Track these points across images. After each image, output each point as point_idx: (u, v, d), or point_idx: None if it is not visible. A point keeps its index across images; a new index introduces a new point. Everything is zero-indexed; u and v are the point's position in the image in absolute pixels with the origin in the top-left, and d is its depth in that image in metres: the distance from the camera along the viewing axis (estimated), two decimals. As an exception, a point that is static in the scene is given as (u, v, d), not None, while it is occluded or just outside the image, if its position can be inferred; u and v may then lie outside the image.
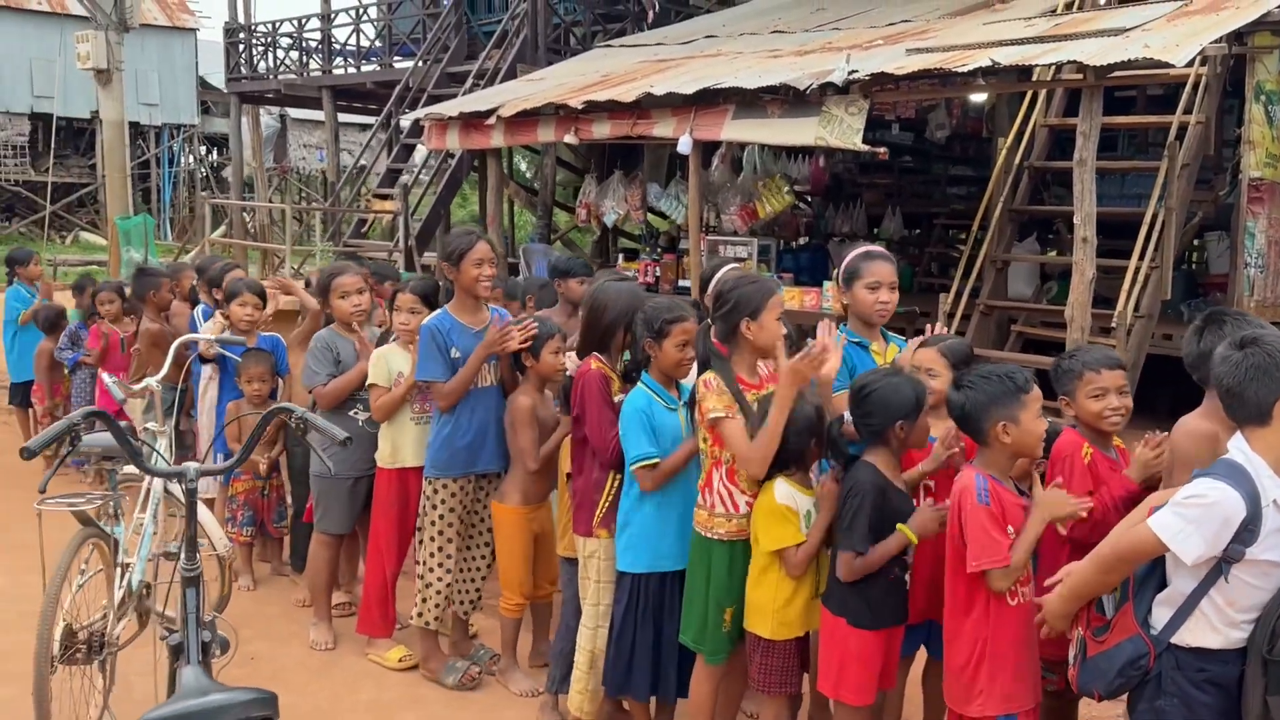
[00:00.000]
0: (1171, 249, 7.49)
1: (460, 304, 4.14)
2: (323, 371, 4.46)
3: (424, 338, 4.05)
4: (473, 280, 4.06)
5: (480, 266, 4.05)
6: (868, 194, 12.38)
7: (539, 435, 4.03)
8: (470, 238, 4.11)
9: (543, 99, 9.17)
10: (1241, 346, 2.44)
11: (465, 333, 4.09)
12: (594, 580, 3.68)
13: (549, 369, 4.05)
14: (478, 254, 4.03)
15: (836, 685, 3.10)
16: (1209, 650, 2.44)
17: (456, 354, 4.05)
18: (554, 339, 4.05)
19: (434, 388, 4.07)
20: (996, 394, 2.83)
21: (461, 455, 4.11)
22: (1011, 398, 2.81)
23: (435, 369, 4.02)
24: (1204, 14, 6.76)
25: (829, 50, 8.61)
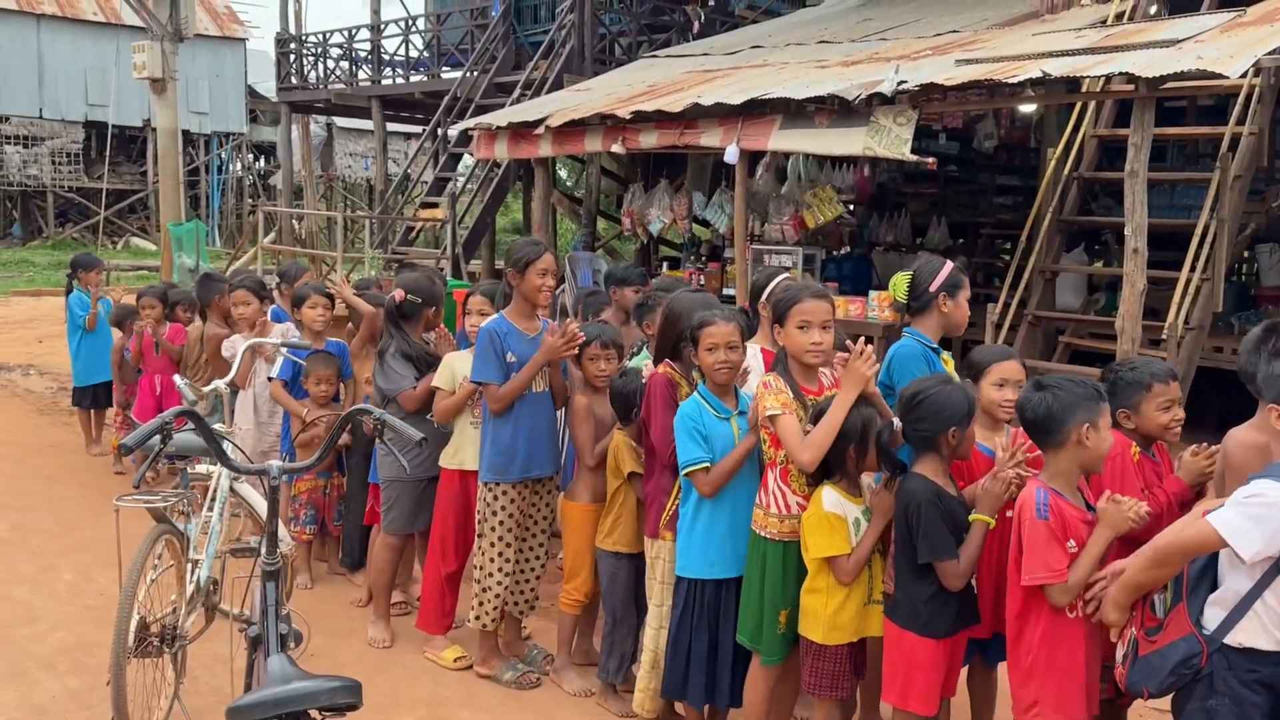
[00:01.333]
0: (1223, 261, 7.43)
1: (518, 310, 4.24)
2: (409, 375, 4.57)
3: (481, 340, 4.15)
4: (535, 289, 4.16)
5: (544, 277, 4.15)
6: (913, 203, 12.36)
7: (597, 433, 4.15)
8: (537, 248, 4.21)
9: (590, 109, 9.28)
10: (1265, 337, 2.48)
11: (521, 338, 4.20)
12: (658, 581, 3.77)
13: (586, 373, 4.20)
14: (543, 264, 4.14)
15: (903, 695, 3.14)
16: (1261, 652, 2.48)
17: (512, 358, 4.15)
18: (592, 345, 4.18)
19: (488, 390, 4.16)
20: (1082, 397, 2.85)
21: (516, 460, 4.20)
22: (1094, 403, 2.84)
23: (491, 371, 4.12)
24: (1258, 25, 6.73)
25: (876, 60, 8.64)
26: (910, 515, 3.09)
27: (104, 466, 7.71)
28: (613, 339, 4.32)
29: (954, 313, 3.67)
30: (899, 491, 3.16)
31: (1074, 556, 2.80)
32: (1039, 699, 2.84)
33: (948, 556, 3.04)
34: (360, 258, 12.78)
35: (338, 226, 12.81)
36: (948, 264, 3.73)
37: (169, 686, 3.83)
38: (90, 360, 7.90)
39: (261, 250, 14.15)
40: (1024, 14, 9.49)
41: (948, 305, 3.67)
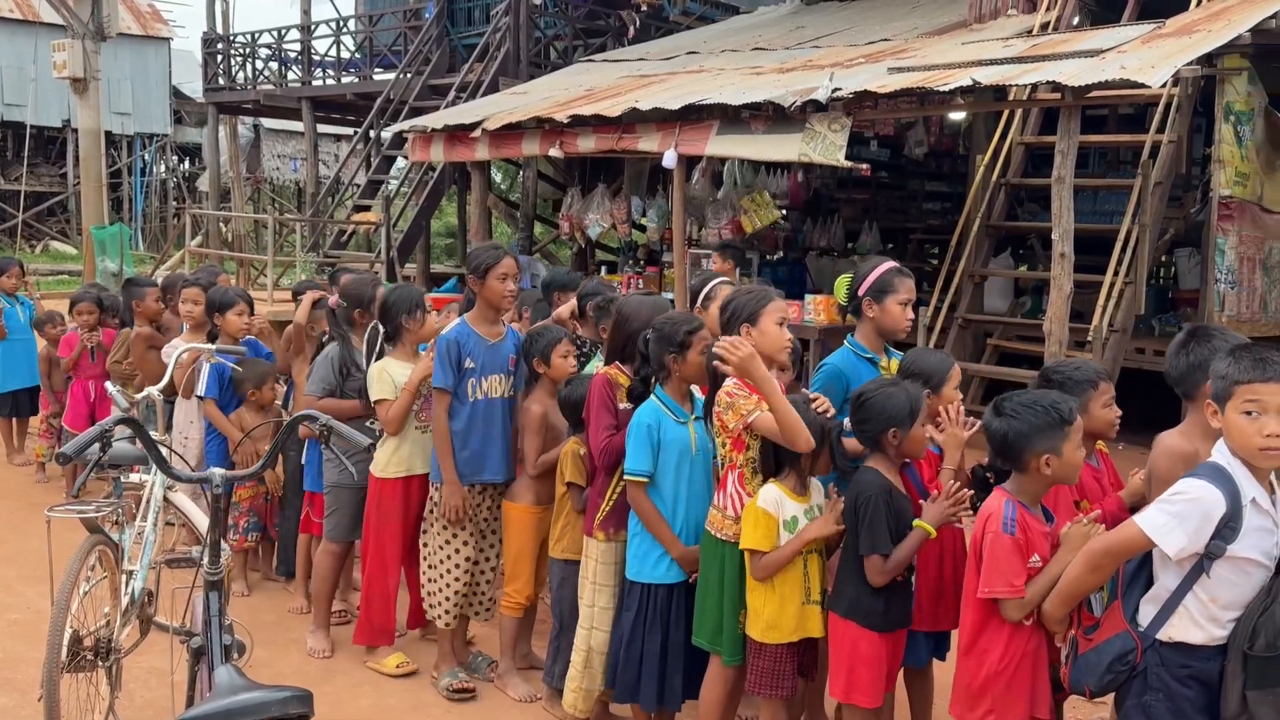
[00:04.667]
0: (1145, 265, 7.69)
1: (480, 316, 4.23)
2: (323, 383, 4.53)
3: (440, 348, 4.13)
4: (497, 294, 4.15)
5: (505, 281, 4.13)
6: (845, 209, 12.54)
7: (550, 442, 4.14)
8: (497, 252, 4.20)
9: (527, 113, 9.26)
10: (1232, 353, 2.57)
11: (482, 344, 4.18)
12: (591, 581, 3.78)
13: (560, 372, 4.18)
14: (504, 268, 4.12)
15: (848, 689, 3.18)
16: (1192, 646, 2.55)
17: (471, 364, 4.14)
18: (562, 343, 4.18)
19: (437, 398, 4.14)
20: (1040, 425, 2.81)
21: (466, 464, 4.17)
22: (1056, 429, 2.79)
23: (446, 378, 4.11)
24: (1176, 37, 6.98)
25: (810, 68, 8.78)
26: (859, 506, 3.14)
27: (26, 477, 7.47)
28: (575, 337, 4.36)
29: (880, 318, 3.65)
30: (852, 483, 3.22)
31: (1034, 570, 2.80)
32: (993, 708, 2.85)
33: (880, 552, 3.08)
34: (291, 261, 12.57)
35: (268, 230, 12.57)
36: (879, 267, 3.70)
37: (103, 701, 3.73)
38: (8, 366, 7.62)
39: (188, 254, 13.82)
40: (953, 23, 9.72)
41: (873, 310, 3.66)
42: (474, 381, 4.16)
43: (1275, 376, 2.45)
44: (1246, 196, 7.70)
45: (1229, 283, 7.67)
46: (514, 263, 4.18)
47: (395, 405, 4.28)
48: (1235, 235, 7.61)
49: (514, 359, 4.28)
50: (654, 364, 3.57)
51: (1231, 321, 7.56)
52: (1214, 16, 7.35)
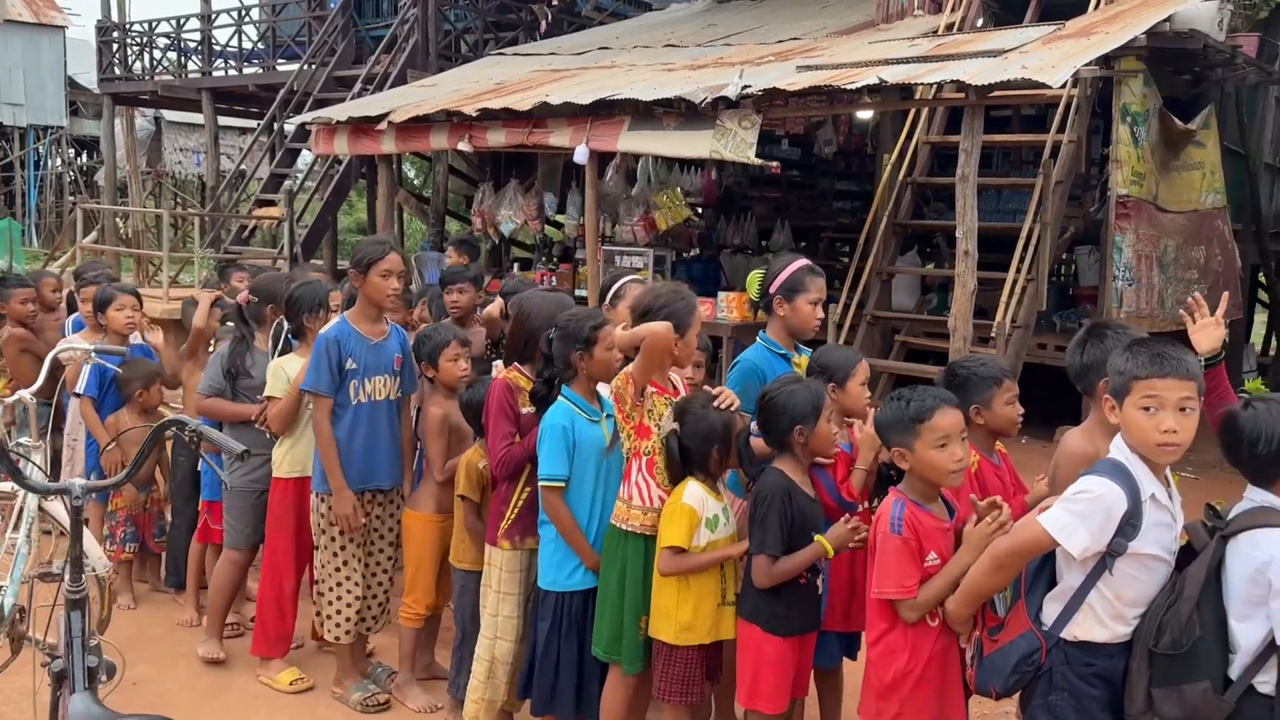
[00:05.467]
0: (1046, 262, 7.85)
1: (361, 313, 4.06)
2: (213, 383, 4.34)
3: (317, 347, 3.95)
4: (379, 291, 3.98)
5: (388, 278, 3.95)
6: (758, 207, 12.60)
7: (451, 445, 3.99)
8: (381, 247, 4.02)
9: (435, 105, 9.07)
10: (1129, 348, 2.57)
11: (363, 343, 4.01)
12: (495, 590, 3.65)
13: (449, 376, 4.03)
14: (387, 264, 3.95)
15: (751, 694, 3.11)
16: (1096, 644, 2.54)
17: (352, 365, 3.97)
18: (450, 346, 4.01)
19: (316, 401, 3.97)
20: (891, 419, 2.81)
21: (352, 470, 4.00)
22: (905, 426, 2.78)
23: (319, 380, 3.93)
24: (1076, 39, 7.13)
25: (721, 65, 8.76)
26: (756, 505, 3.09)
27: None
28: (466, 338, 4.20)
29: (790, 316, 3.62)
30: (756, 483, 3.16)
31: (932, 569, 2.76)
32: (901, 711, 2.80)
33: (768, 552, 3.03)
34: (190, 258, 12.12)
35: (163, 225, 12.09)
36: (791, 265, 3.66)
37: (-34, 727, 3.48)
38: None
39: (81, 250, 13.23)
40: (861, 23, 9.81)
41: (783, 308, 3.62)
42: (357, 383, 3.99)
43: (1172, 372, 2.44)
44: (1143, 196, 7.92)
45: (1127, 280, 7.88)
46: (399, 259, 4.00)
47: (279, 404, 4.09)
48: (1132, 233, 7.82)
49: (400, 359, 4.12)
50: (559, 363, 3.46)
51: (1130, 317, 7.76)
52: (1111, 19, 7.53)
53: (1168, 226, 8.30)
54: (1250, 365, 11.46)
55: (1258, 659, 2.40)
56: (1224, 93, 9.26)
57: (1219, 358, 3.05)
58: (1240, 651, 2.43)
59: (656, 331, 3.19)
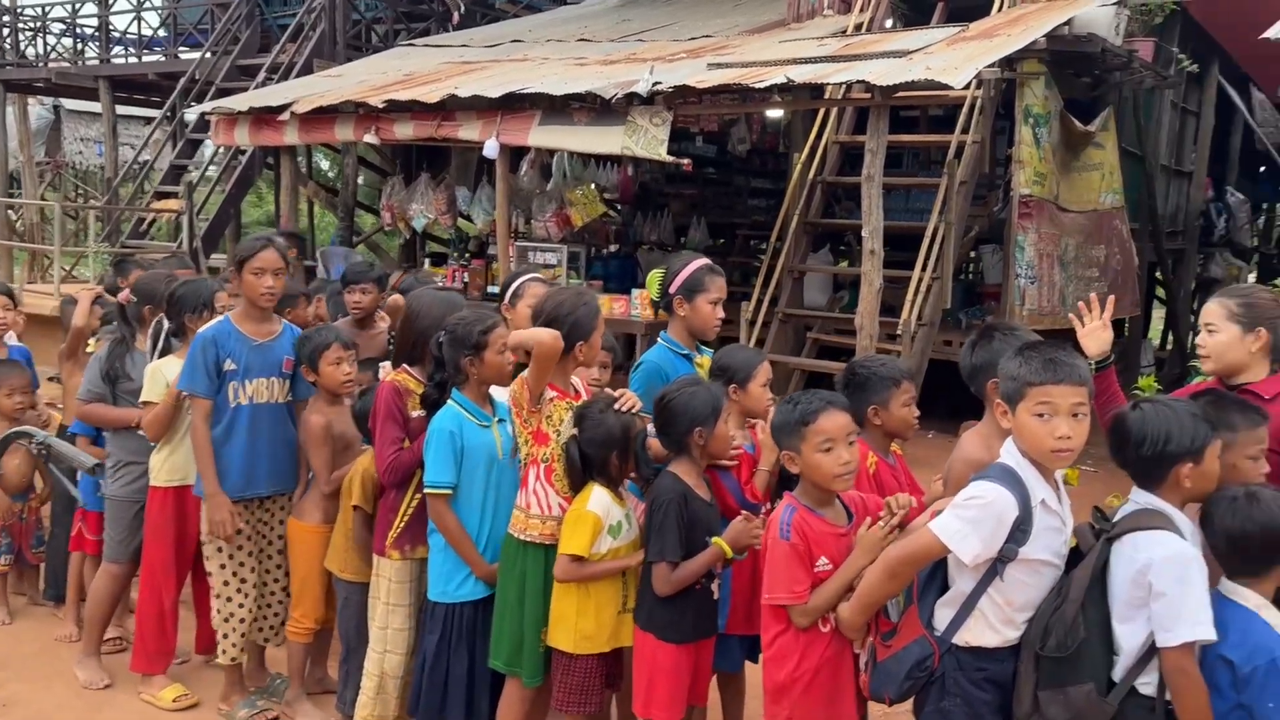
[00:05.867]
0: (951, 261, 7.97)
1: (245, 313, 3.89)
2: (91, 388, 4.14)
3: (194, 347, 3.79)
4: (252, 289, 3.82)
5: (260, 276, 3.80)
6: (674, 204, 12.58)
7: (337, 453, 3.85)
8: (256, 243, 3.86)
9: (340, 96, 8.84)
10: (1021, 353, 2.57)
11: (246, 344, 3.85)
12: (383, 602, 3.54)
13: (330, 381, 3.87)
14: (258, 262, 3.79)
15: (646, 703, 3.05)
16: (987, 649, 2.54)
17: (232, 365, 3.81)
18: (332, 348, 3.85)
19: (194, 404, 3.80)
20: (781, 422, 2.79)
21: (231, 476, 3.85)
22: (792, 428, 2.76)
23: (194, 381, 3.77)
24: (979, 40, 7.23)
25: (633, 61, 8.70)
26: (653, 511, 3.03)
27: None
28: (351, 340, 4.04)
29: (691, 316, 3.57)
30: (651, 488, 3.10)
31: (823, 574, 2.73)
32: (792, 715, 2.78)
33: (668, 559, 2.98)
34: (85, 252, 11.62)
35: (56, 218, 11.57)
36: (691, 265, 3.61)
37: None
38: None
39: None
40: (773, 21, 9.84)
41: (684, 308, 3.57)
42: (236, 385, 3.83)
43: (1065, 378, 2.45)
44: (1044, 196, 8.09)
45: (1029, 278, 8.03)
46: (275, 256, 3.83)
47: (155, 410, 3.91)
48: (1034, 233, 7.98)
49: (290, 361, 3.96)
50: (449, 367, 3.35)
51: (1032, 315, 7.92)
52: (1014, 22, 7.66)
53: (1068, 226, 8.50)
54: (1148, 361, 11.84)
55: (1139, 661, 2.43)
56: (1122, 96, 9.51)
57: (1108, 361, 3.09)
58: (1123, 653, 2.45)
59: (542, 341, 3.09)
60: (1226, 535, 2.45)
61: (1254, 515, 2.42)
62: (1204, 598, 2.36)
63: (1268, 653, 2.36)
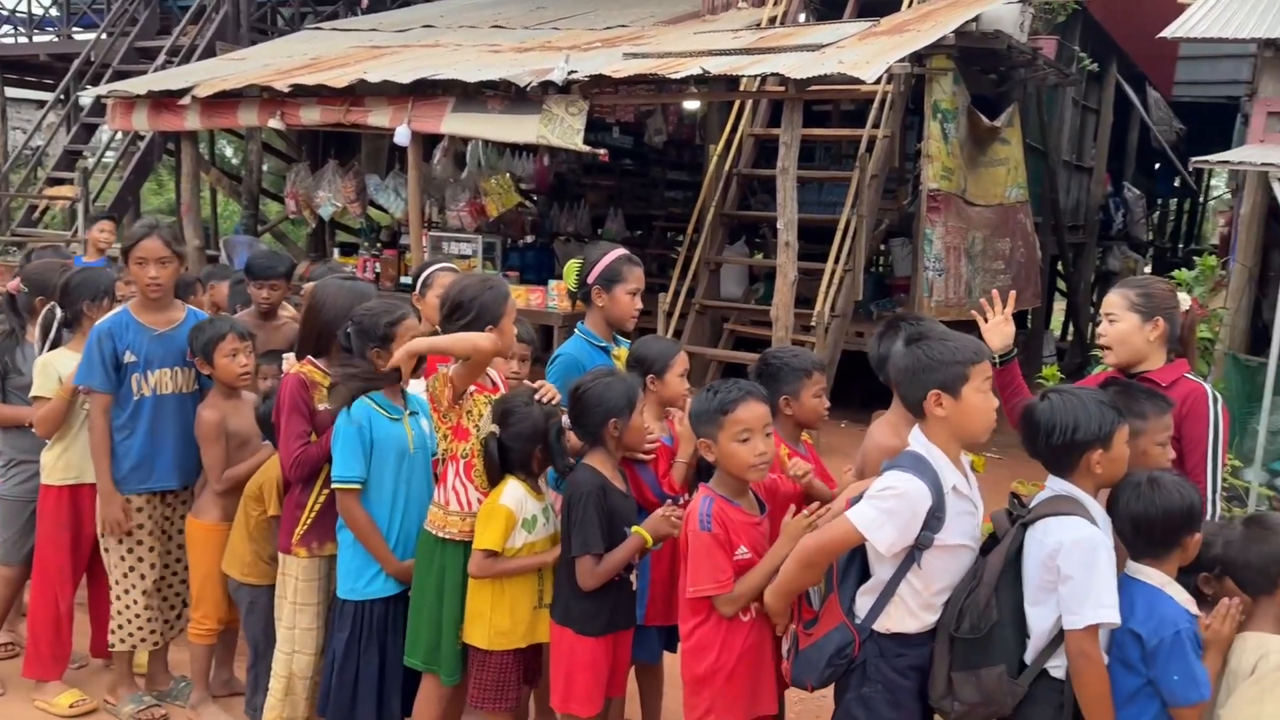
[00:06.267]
0: (863, 254, 8.09)
1: (143, 302, 3.73)
2: None
3: (90, 340, 3.62)
4: (137, 279, 3.67)
5: (144, 265, 3.64)
6: (591, 194, 12.54)
7: (234, 449, 3.71)
8: (140, 231, 3.69)
9: (245, 80, 8.57)
10: (908, 342, 2.60)
11: (145, 334, 3.69)
12: (290, 601, 3.42)
13: (226, 374, 3.73)
14: (140, 251, 3.63)
15: (565, 697, 3.02)
16: (907, 635, 2.57)
17: (132, 358, 3.65)
18: (227, 339, 3.71)
19: (91, 398, 3.65)
20: (699, 410, 2.80)
21: (139, 470, 3.71)
22: (710, 417, 2.77)
23: (92, 375, 3.61)
24: (889, 35, 7.34)
25: (548, 49, 8.62)
26: (571, 506, 2.99)
27: None
28: (249, 331, 3.90)
29: (609, 306, 3.54)
30: (568, 482, 3.05)
31: (744, 563, 2.75)
32: (712, 707, 2.78)
33: (591, 552, 2.95)
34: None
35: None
36: (609, 255, 3.57)
37: None
38: None
39: None
40: (687, 13, 9.85)
41: (602, 299, 3.54)
42: (138, 377, 3.68)
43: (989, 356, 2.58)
44: (952, 190, 8.28)
45: (937, 270, 8.22)
46: (158, 245, 3.66)
47: (48, 406, 3.72)
48: (942, 226, 8.16)
49: None
50: (357, 359, 3.25)
51: (939, 307, 8.10)
52: (923, 18, 7.80)
53: (975, 219, 8.71)
54: (1049, 351, 12.23)
55: (1050, 644, 2.48)
56: (1026, 92, 9.79)
57: (1011, 354, 3.16)
58: (1034, 636, 2.51)
59: (481, 348, 3.00)
60: (1131, 519, 2.52)
61: (1156, 500, 2.50)
62: (1110, 582, 2.42)
63: (1173, 625, 2.43)
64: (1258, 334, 6.60)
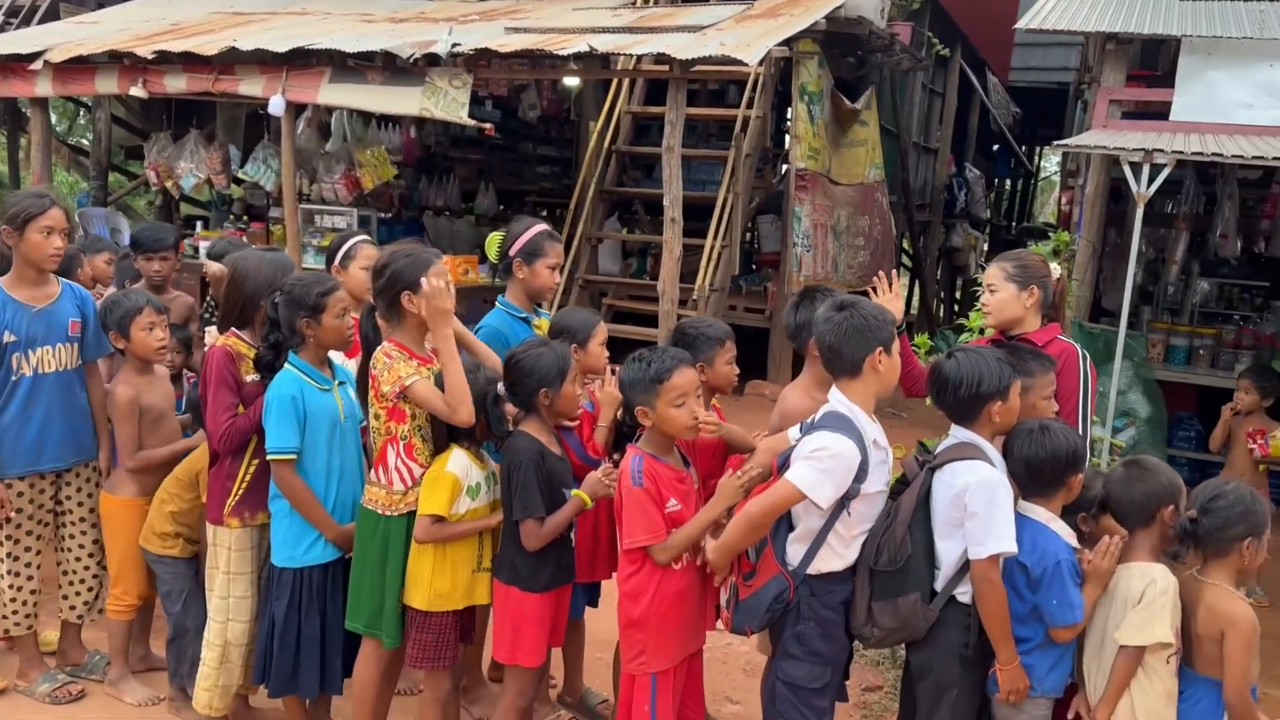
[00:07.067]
0: (739, 230, 8.42)
1: (20, 277, 3.66)
2: None
3: None
4: (40, 251, 3.60)
5: (50, 236, 3.58)
6: (460, 168, 12.43)
7: (149, 425, 3.69)
8: (41, 201, 3.62)
9: (103, 45, 8.17)
10: (840, 309, 2.86)
11: (23, 312, 3.63)
12: (223, 571, 3.44)
13: (143, 348, 3.71)
14: (48, 220, 3.57)
15: (512, 650, 3.16)
16: (835, 574, 2.86)
17: (11, 337, 3.61)
18: (144, 313, 3.69)
19: None
20: (633, 379, 3.00)
21: (25, 453, 3.65)
22: (646, 385, 2.96)
23: None
24: (765, 19, 7.64)
25: (424, 20, 8.56)
26: (512, 472, 3.12)
27: None
28: (162, 304, 3.86)
29: (530, 279, 3.68)
30: (505, 449, 3.18)
31: (674, 515, 2.96)
32: (646, 647, 3.00)
33: (533, 515, 3.09)
34: None
35: None
36: (531, 230, 3.71)
37: None
38: None
39: None
40: (562, -12, 9.90)
41: (523, 271, 3.67)
42: (19, 356, 3.63)
43: None
44: (818, 169, 8.68)
45: (805, 246, 8.62)
46: (63, 215, 3.63)
47: None
48: (810, 204, 8.56)
49: (76, 323, 3.77)
50: (285, 329, 3.29)
51: (807, 281, 8.50)
52: (793, 2, 8.13)
53: (839, 198, 9.17)
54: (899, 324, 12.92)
55: (957, 573, 2.80)
56: (882, 76, 10.31)
57: (900, 328, 3.48)
58: (943, 567, 2.83)
59: (459, 416, 3.06)
60: (1024, 461, 2.86)
61: (1045, 444, 2.84)
62: (1009, 517, 2.76)
63: (1054, 556, 2.79)
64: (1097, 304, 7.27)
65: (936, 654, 2.85)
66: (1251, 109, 6.06)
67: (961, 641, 2.81)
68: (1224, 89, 6.12)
